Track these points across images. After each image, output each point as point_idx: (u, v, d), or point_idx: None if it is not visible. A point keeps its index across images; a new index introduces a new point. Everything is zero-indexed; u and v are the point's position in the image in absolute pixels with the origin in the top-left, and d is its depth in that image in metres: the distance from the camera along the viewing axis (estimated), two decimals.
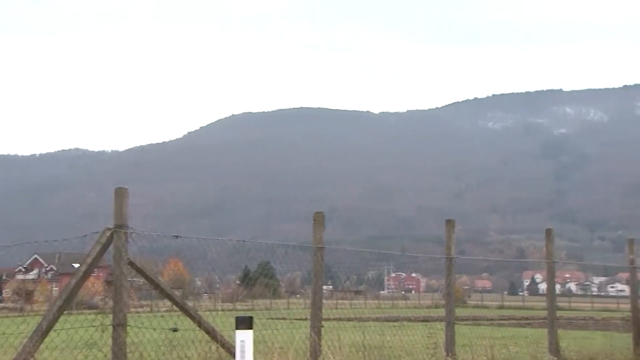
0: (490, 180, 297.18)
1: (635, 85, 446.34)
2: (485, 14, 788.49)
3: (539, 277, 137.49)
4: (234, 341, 5.96)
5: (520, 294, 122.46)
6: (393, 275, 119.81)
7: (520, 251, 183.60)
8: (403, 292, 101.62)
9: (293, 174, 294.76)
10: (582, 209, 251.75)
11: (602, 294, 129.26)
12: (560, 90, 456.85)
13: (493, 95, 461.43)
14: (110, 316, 7.12)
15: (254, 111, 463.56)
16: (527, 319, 31.54)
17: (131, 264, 7.42)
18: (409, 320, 23.79)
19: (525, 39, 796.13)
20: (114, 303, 7.14)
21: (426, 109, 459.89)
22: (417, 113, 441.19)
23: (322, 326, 8.83)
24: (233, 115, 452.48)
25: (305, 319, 9.09)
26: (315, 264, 8.98)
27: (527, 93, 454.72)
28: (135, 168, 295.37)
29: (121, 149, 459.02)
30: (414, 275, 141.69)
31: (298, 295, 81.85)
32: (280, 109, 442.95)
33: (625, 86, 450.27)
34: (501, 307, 64.28)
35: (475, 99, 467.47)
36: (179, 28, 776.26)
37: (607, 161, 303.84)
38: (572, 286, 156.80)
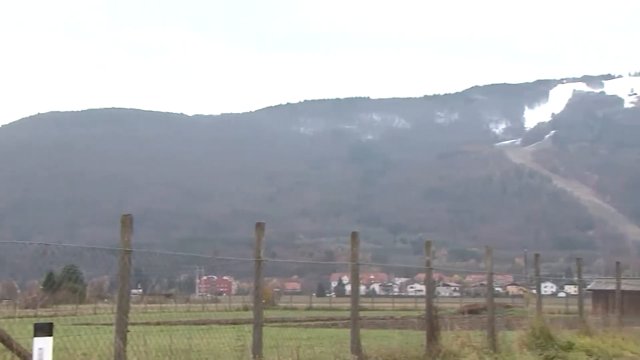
0: (301, 184, 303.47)
1: (435, 96, 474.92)
2: (299, 21, 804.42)
3: (345, 278, 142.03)
4: (32, 349, 5.73)
5: (328, 295, 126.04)
6: (205, 278, 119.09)
7: (329, 254, 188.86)
8: (210, 296, 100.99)
9: (102, 175, 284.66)
10: (386, 213, 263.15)
11: (403, 294, 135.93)
12: (368, 98, 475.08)
13: (305, 100, 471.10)
14: None
15: (62, 110, 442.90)
16: (333, 319, 32.54)
17: None
18: (219, 323, 23.82)
19: (336, 47, 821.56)
20: None
21: (240, 112, 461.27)
22: (231, 116, 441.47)
23: (128, 331, 8.65)
24: (39, 113, 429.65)
25: (112, 324, 8.86)
26: (121, 267, 8.78)
27: (337, 99, 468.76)
28: None
29: None
30: (225, 278, 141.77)
31: (106, 300, 79.17)
32: (91, 109, 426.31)
33: (425, 96, 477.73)
34: (309, 309, 65.71)
35: (288, 104, 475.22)
36: None
37: (409, 167, 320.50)
38: (376, 287, 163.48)
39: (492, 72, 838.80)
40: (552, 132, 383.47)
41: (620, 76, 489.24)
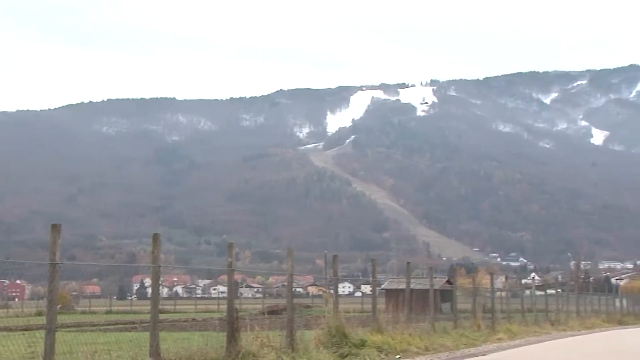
0: (103, 185, 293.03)
1: (241, 98, 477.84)
2: (104, 18, 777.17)
3: (148, 281, 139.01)
4: None
5: (130, 298, 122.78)
6: None
7: (131, 256, 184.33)
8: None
9: None
10: (190, 215, 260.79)
11: (206, 295, 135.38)
12: (174, 98, 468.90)
13: (109, 99, 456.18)
14: None
15: None
16: (133, 323, 31.83)
17: None
18: (9, 330, 22.52)
19: (142, 46, 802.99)
20: None
21: (38, 110, 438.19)
22: (27, 113, 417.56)
23: None
24: None
25: None
26: None
27: (142, 99, 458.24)
28: None
29: None
30: (18, 282, 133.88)
31: None
32: None
33: (232, 98, 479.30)
34: (109, 312, 63.75)
35: (90, 102, 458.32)
36: None
37: (214, 169, 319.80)
38: (179, 289, 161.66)
39: (297, 77, 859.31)
40: (352, 137, 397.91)
41: (413, 85, 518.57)
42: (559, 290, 59.07)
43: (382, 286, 49.10)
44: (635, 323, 44.50)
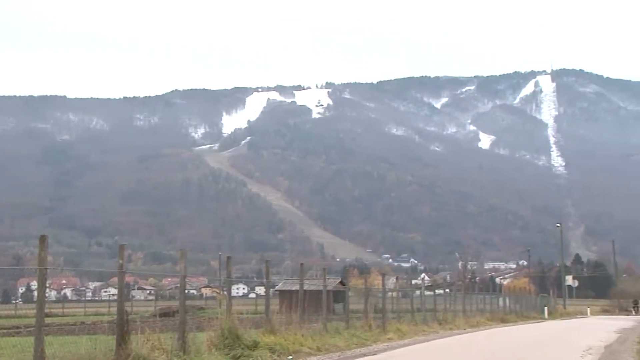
0: None
1: (134, 98, 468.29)
2: None
3: (35, 284, 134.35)
4: None
5: (15, 302, 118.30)
6: None
7: (17, 258, 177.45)
8: None
9: None
10: (81, 215, 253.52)
11: (97, 298, 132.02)
12: (65, 97, 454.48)
13: None
14: None
15: None
16: (17, 327, 30.81)
17: None
18: None
19: (31, 43, 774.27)
20: None
21: None
22: None
23: None
24: None
25: None
26: None
27: (31, 97, 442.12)
28: None
29: None
30: None
31: None
32: None
33: (125, 98, 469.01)
34: None
35: None
36: None
37: (107, 169, 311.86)
38: (68, 292, 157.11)
39: (192, 77, 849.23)
40: (248, 138, 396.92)
41: (309, 87, 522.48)
42: (447, 290, 60.92)
43: (276, 287, 49.29)
44: (516, 321, 46.46)
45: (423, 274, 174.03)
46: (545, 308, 61.32)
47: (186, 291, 16.67)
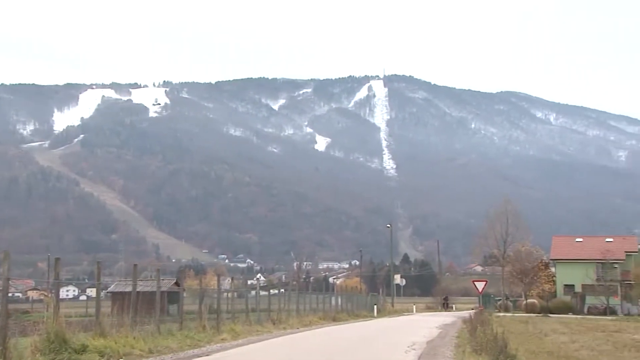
0: None
1: None
2: None
3: None
4: None
5: None
6: None
7: None
8: None
9: None
10: None
11: None
12: None
13: None
14: None
15: None
16: None
17: None
18: None
19: None
20: None
21: None
22: None
23: None
24: None
25: None
26: None
27: None
28: None
29: None
30: None
31: None
32: None
33: None
34: None
35: None
36: None
37: None
38: None
39: (20, 72, 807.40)
40: (82, 136, 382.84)
41: (146, 86, 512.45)
42: (282, 290, 61.80)
43: (109, 289, 48.02)
44: (347, 319, 47.94)
45: (259, 274, 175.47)
46: (375, 306, 63.61)
47: (10, 294, 16.02)
